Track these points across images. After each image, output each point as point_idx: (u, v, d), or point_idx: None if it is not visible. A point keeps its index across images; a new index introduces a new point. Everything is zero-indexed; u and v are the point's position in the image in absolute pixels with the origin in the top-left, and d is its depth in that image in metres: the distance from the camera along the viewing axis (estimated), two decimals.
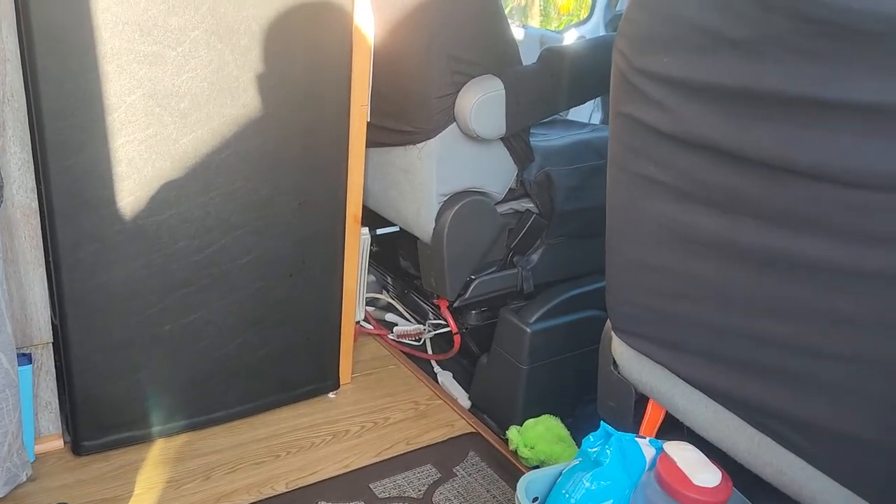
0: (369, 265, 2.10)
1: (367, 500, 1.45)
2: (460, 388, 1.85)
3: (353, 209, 1.63)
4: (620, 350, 1.21)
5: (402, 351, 1.98)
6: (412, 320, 2.08)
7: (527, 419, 1.64)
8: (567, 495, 1.10)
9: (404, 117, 1.54)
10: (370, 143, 1.61)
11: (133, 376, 1.48)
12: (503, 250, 1.67)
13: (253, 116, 1.41)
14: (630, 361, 1.21)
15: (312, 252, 1.59)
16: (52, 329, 1.43)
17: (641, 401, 1.27)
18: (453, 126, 1.50)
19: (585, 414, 1.66)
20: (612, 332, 1.22)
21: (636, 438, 1.15)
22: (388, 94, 1.54)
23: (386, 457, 1.58)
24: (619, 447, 1.08)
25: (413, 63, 1.48)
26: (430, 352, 1.98)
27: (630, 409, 1.26)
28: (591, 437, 1.12)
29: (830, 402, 0.87)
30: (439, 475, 1.53)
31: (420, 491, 1.48)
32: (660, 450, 1.13)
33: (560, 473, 1.15)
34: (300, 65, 1.43)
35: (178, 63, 1.31)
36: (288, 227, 1.53)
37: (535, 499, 1.16)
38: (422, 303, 1.90)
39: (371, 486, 1.49)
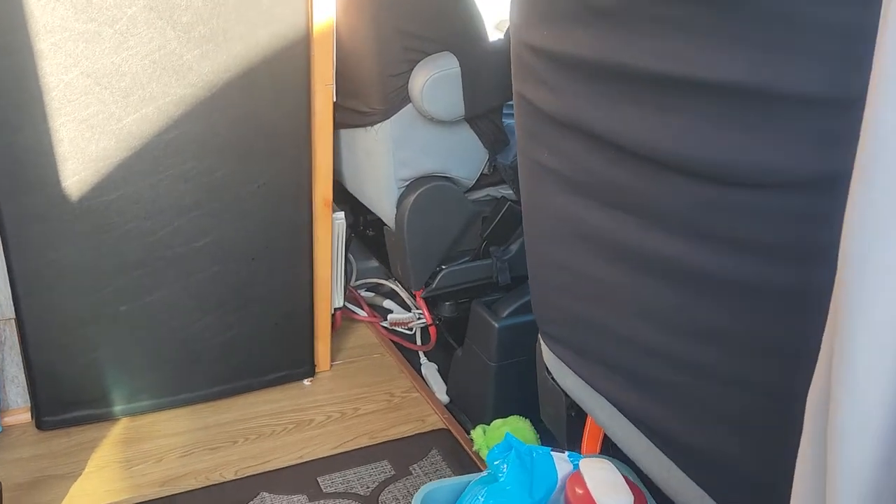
0: (372, 250, 2.05)
1: (310, 494, 1.40)
2: (442, 381, 1.77)
3: (323, 193, 1.58)
4: (547, 354, 1.11)
5: (392, 340, 1.92)
6: (413, 307, 2.01)
7: (496, 419, 1.54)
8: None
9: (361, 97, 1.46)
10: (338, 125, 1.54)
11: (91, 354, 1.48)
12: (476, 239, 1.58)
13: (201, 96, 1.38)
14: (556, 367, 1.10)
15: (276, 236, 1.55)
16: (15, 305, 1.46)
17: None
18: (410, 107, 1.41)
19: None
20: (540, 335, 1.12)
21: (553, 452, 1.05)
22: (347, 72, 1.47)
23: (344, 450, 1.53)
24: (519, 462, 0.99)
25: (363, 39, 1.40)
26: (419, 342, 1.91)
27: (563, 418, 1.16)
28: (495, 448, 1.03)
29: (703, 418, 0.75)
30: (393, 473, 1.47)
31: (368, 488, 1.42)
32: (577, 466, 1.03)
33: (467, 485, 1.06)
34: (251, 42, 1.38)
35: (115, 41, 1.29)
36: (247, 211, 1.50)
37: None
38: (403, 291, 1.83)
39: (319, 479, 1.44)
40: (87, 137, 1.32)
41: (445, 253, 1.56)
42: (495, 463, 1.00)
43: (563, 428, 1.16)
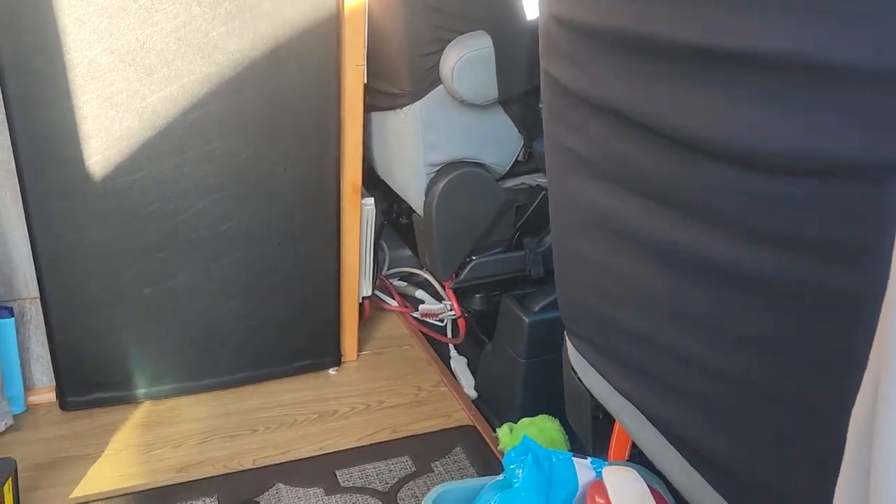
0: (405, 239, 2.00)
1: (327, 487, 1.36)
2: (471, 376, 1.71)
3: (352, 177, 1.53)
4: (572, 354, 1.04)
5: (422, 331, 1.87)
6: (445, 297, 1.95)
7: (524, 417, 1.48)
8: None
9: (390, 79, 1.41)
10: (369, 107, 1.49)
11: (115, 337, 1.47)
12: (509, 230, 1.51)
13: (227, 75, 1.34)
14: (582, 367, 1.03)
15: (302, 221, 1.51)
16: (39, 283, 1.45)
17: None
18: (440, 88, 1.35)
19: None
20: (566, 333, 1.05)
21: (575, 458, 0.98)
22: (377, 52, 1.42)
23: (365, 443, 1.49)
24: (536, 467, 0.92)
25: (393, 18, 1.35)
26: (449, 334, 1.85)
27: (588, 420, 1.09)
28: (512, 451, 0.97)
29: (736, 432, 0.68)
30: (414, 469, 1.42)
31: (387, 484, 1.37)
32: (600, 474, 0.96)
33: (482, 488, 1.00)
34: (278, 19, 1.33)
35: (140, 16, 1.26)
36: (273, 194, 1.46)
37: None
38: (436, 282, 1.77)
39: (337, 472, 1.40)
40: (111, 116, 1.30)
41: (476, 243, 1.49)
42: (511, 467, 0.94)
43: (589, 432, 1.09)
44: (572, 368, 1.08)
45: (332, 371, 1.69)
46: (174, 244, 1.42)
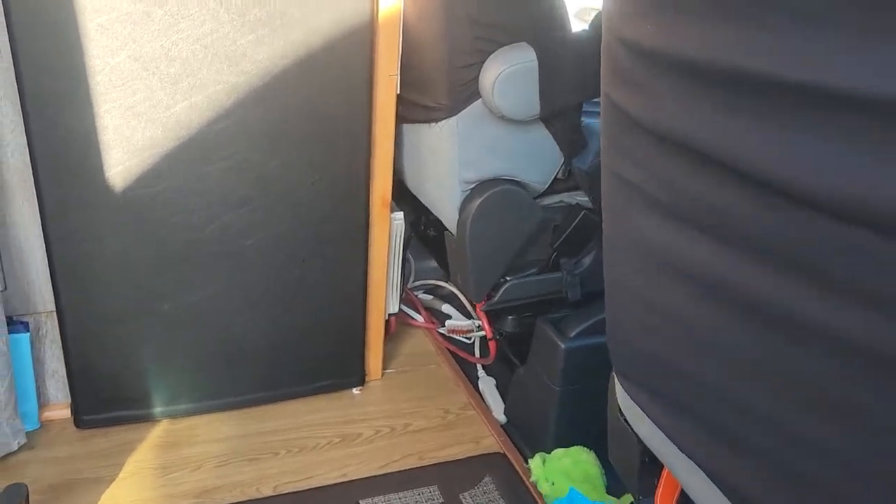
0: (433, 252, 1.93)
1: None
2: (500, 399, 1.64)
3: (381, 191, 1.46)
4: (621, 396, 0.97)
5: (449, 349, 1.80)
6: (474, 314, 1.88)
7: (558, 447, 1.41)
8: None
9: (426, 90, 1.34)
10: (402, 119, 1.42)
11: (133, 353, 1.41)
12: (546, 250, 1.43)
13: (255, 84, 1.28)
14: (630, 409, 0.96)
15: (329, 235, 1.44)
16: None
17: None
18: (479, 103, 1.28)
19: None
20: (614, 373, 0.98)
21: None
22: (412, 62, 1.35)
23: (390, 470, 1.42)
24: None
25: (430, 27, 1.27)
26: (477, 353, 1.78)
27: (635, 465, 1.01)
28: (556, 502, 0.89)
29: (804, 499, 0.61)
30: (442, 500, 1.35)
31: None
32: None
33: None
34: (310, 27, 1.27)
35: (165, 23, 1.19)
36: (300, 207, 1.39)
37: None
38: (461, 295, 1.70)
39: (361, 502, 1.33)
40: (133, 125, 1.24)
41: (511, 263, 1.42)
42: None
43: (635, 476, 1.02)
44: (620, 411, 1.01)
45: (356, 391, 1.63)
46: (196, 258, 1.37)
